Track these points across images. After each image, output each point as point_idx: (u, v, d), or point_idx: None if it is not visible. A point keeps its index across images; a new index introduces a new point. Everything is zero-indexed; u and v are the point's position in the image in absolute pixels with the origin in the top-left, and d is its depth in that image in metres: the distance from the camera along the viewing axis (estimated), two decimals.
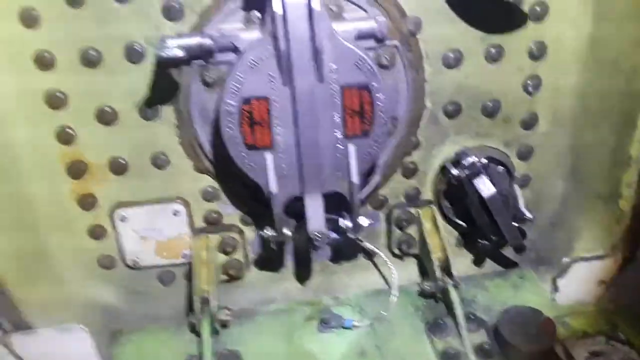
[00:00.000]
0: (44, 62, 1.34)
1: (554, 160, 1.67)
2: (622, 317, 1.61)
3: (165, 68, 1.36)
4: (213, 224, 1.62)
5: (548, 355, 1.48)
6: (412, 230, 1.71)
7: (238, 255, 1.67)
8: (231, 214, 1.62)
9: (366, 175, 1.51)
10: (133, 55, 1.36)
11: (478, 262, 1.80)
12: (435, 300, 1.66)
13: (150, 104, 1.42)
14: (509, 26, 1.47)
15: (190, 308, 1.63)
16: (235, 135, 1.33)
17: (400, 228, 1.71)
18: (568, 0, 1.45)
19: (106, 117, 1.43)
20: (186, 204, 1.58)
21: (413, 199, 1.69)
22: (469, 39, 1.47)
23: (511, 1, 1.43)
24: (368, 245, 1.68)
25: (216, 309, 1.54)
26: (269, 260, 1.72)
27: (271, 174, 1.36)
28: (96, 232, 1.57)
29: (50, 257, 1.56)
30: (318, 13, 1.22)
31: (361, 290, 1.74)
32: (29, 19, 1.30)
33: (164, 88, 1.41)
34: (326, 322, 1.61)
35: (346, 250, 1.73)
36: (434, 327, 1.59)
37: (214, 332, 1.53)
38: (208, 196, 1.58)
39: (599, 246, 1.68)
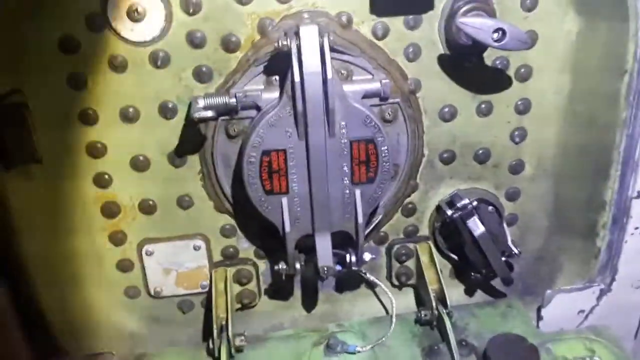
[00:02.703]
0: (87, 119, 1.50)
1: (539, 201, 1.83)
2: (599, 343, 1.73)
3: (194, 125, 1.52)
4: (230, 257, 1.77)
5: None
6: (410, 263, 1.87)
7: (251, 286, 1.82)
8: (247, 249, 1.77)
9: (370, 215, 1.67)
10: (166, 111, 1.53)
11: (470, 292, 1.94)
12: (431, 327, 1.77)
13: (180, 154, 1.59)
14: (500, 91, 1.65)
15: (207, 334, 1.78)
16: (255, 182, 1.49)
17: (400, 261, 1.86)
18: (549, 63, 1.63)
19: (139, 165, 1.59)
20: (206, 240, 1.73)
21: (411, 235, 1.84)
22: (462, 96, 1.64)
23: (500, 67, 1.61)
24: (370, 277, 1.82)
25: (232, 335, 1.65)
26: (279, 290, 1.86)
27: (286, 216, 1.52)
28: (124, 265, 1.72)
29: (82, 287, 1.71)
30: (331, 80, 1.37)
31: (363, 318, 1.87)
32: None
33: (192, 140, 1.57)
34: (332, 347, 1.71)
35: (350, 281, 1.88)
36: (429, 352, 1.70)
37: (230, 356, 1.65)
38: (226, 233, 1.74)
39: (578, 278, 1.80)
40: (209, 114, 1.40)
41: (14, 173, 1.49)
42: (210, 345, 1.67)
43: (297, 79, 1.37)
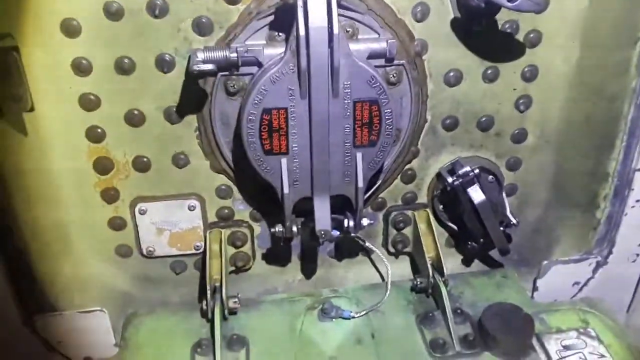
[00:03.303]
0: (81, 69, 1.44)
1: (540, 172, 1.81)
2: (593, 315, 1.73)
3: (194, 79, 1.47)
4: (225, 219, 1.74)
5: (525, 347, 1.60)
6: (407, 231, 1.85)
7: (246, 249, 1.79)
8: (242, 211, 1.74)
9: (371, 180, 1.63)
10: (163, 64, 1.47)
11: (466, 261, 1.93)
12: (426, 295, 1.77)
13: (177, 110, 1.53)
14: (507, 56, 1.60)
15: (200, 295, 1.76)
16: (254, 141, 1.44)
17: (397, 228, 1.84)
18: (559, 29, 1.59)
19: (134, 120, 1.53)
20: (201, 200, 1.69)
21: (410, 202, 1.82)
22: (469, 61, 1.60)
23: (509, 32, 1.56)
24: (367, 243, 1.80)
25: (226, 297, 1.63)
26: (273, 254, 1.83)
27: (285, 177, 1.48)
28: (116, 223, 1.68)
29: (73, 244, 1.67)
30: (337, 36, 1.32)
31: (357, 284, 1.86)
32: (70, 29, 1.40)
33: (190, 96, 1.52)
34: (326, 312, 1.71)
35: (345, 247, 1.86)
36: (424, 319, 1.69)
37: (223, 318, 1.63)
38: (222, 194, 1.70)
39: (575, 250, 1.80)
40: (209, 67, 1.34)
41: (5, 122, 1.44)
42: (204, 307, 1.65)
43: (302, 33, 1.32)
